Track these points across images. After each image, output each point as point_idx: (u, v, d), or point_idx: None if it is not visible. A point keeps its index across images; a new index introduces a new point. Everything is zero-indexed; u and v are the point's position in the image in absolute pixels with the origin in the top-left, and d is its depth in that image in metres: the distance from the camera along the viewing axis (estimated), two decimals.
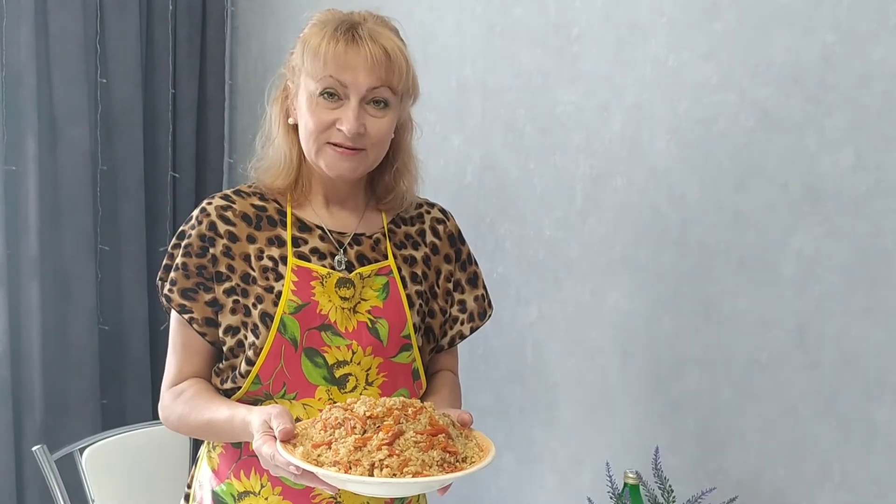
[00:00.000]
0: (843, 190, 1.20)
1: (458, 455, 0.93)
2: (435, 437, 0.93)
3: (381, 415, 0.94)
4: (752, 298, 1.32)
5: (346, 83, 1.08)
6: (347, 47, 1.08)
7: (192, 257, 1.14)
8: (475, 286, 1.30)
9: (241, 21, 2.68)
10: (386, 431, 0.91)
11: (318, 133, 1.10)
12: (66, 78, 2.27)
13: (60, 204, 2.32)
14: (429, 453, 0.90)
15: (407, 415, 0.95)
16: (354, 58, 1.08)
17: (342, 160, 1.11)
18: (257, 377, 1.11)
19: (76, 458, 1.69)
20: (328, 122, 1.09)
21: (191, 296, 1.14)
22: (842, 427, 1.22)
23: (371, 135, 1.10)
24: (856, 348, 1.20)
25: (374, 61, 1.08)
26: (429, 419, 0.95)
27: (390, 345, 1.15)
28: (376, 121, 1.11)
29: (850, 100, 1.19)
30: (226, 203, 1.17)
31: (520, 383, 1.77)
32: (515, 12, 1.71)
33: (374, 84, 1.08)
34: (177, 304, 1.14)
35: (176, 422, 1.15)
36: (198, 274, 1.14)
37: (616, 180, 1.53)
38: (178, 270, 1.15)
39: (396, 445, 0.90)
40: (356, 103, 1.08)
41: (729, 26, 1.33)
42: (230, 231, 1.15)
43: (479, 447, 0.99)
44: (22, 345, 2.28)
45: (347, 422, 0.93)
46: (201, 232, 1.15)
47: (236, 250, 1.15)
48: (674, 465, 1.43)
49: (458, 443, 0.96)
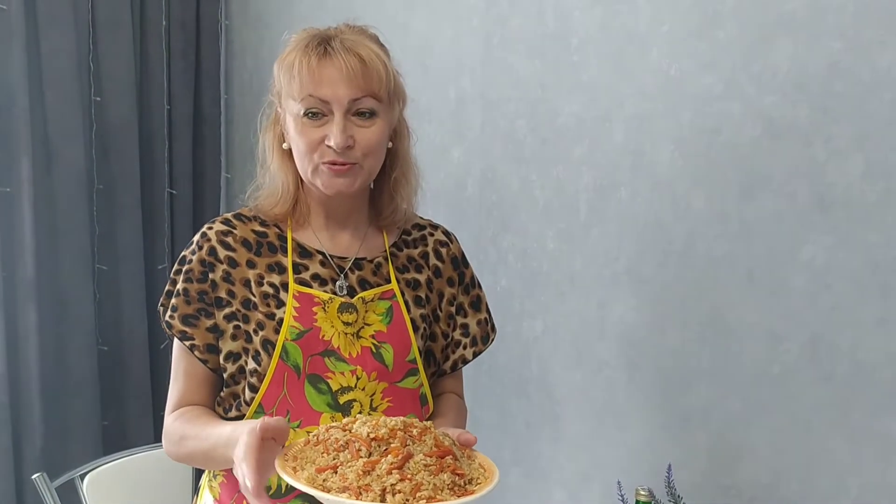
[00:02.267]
0: (852, 199, 1.18)
1: (465, 477, 0.90)
2: (443, 460, 0.90)
3: (386, 436, 0.91)
4: (761, 310, 1.30)
5: (327, 98, 1.06)
6: (321, 62, 1.06)
7: (192, 283, 1.13)
8: (478, 310, 1.28)
9: (236, 35, 2.66)
10: (395, 455, 0.88)
11: (309, 154, 1.08)
12: (59, 97, 2.25)
13: (56, 224, 2.29)
14: (439, 476, 0.88)
15: (412, 436, 0.92)
16: (330, 71, 1.06)
17: (337, 177, 1.08)
18: (260, 405, 1.09)
19: (77, 484, 1.66)
20: (317, 140, 1.07)
21: (192, 322, 1.12)
22: (857, 440, 1.20)
23: (362, 146, 1.08)
24: (869, 360, 1.18)
25: (350, 72, 1.05)
26: (434, 440, 0.93)
27: (396, 370, 1.13)
28: (365, 131, 1.08)
29: (857, 107, 1.16)
30: (226, 228, 1.15)
31: (525, 398, 1.75)
32: (513, 23, 1.70)
33: (354, 95, 1.06)
34: (178, 331, 1.12)
35: (176, 442, 1.12)
36: (199, 300, 1.12)
37: (619, 191, 1.50)
38: (178, 297, 1.13)
39: (407, 469, 0.87)
40: (340, 117, 1.06)
41: (731, 34, 1.31)
42: (230, 256, 1.13)
43: (482, 467, 0.96)
44: (20, 368, 2.25)
45: (352, 444, 0.90)
46: (202, 257, 1.13)
47: (236, 276, 1.13)
48: (684, 480, 1.40)
49: (463, 464, 0.93)
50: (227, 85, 2.71)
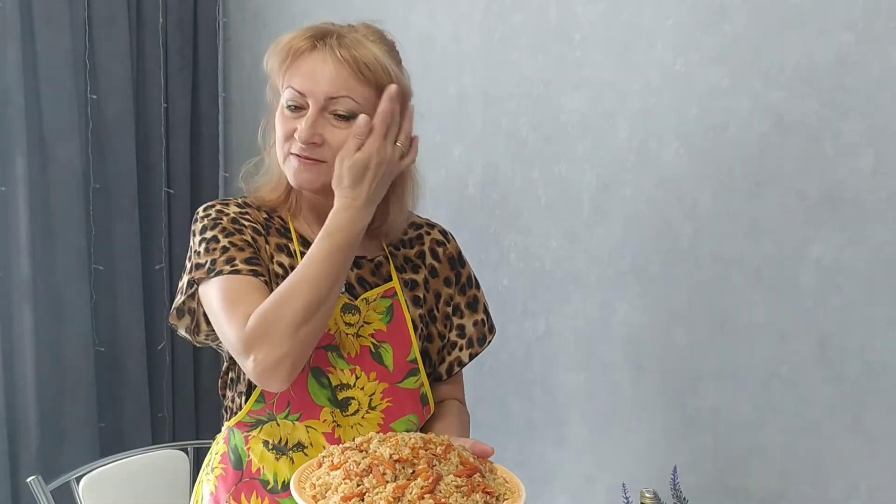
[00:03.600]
0: (862, 196, 1.16)
1: (494, 494, 0.86)
2: (472, 479, 0.86)
3: (409, 457, 0.86)
4: (769, 310, 1.27)
5: (305, 92, 1.04)
6: (306, 55, 1.05)
7: (235, 235, 1.06)
8: (475, 311, 1.24)
9: (234, 33, 2.63)
10: (424, 477, 0.83)
11: (282, 142, 1.07)
12: (54, 95, 2.22)
13: (52, 224, 2.26)
14: (472, 497, 0.84)
15: (436, 455, 0.88)
16: (311, 65, 1.04)
17: (302, 170, 1.06)
18: (261, 395, 1.07)
19: (73, 487, 1.64)
20: (290, 131, 1.06)
21: (254, 262, 1.04)
22: (868, 442, 1.17)
23: (332, 145, 1.04)
24: (880, 360, 1.16)
25: (335, 69, 1.03)
26: (458, 457, 0.89)
27: (396, 370, 1.11)
28: (337, 131, 1.04)
29: (868, 102, 1.14)
30: (240, 210, 1.12)
31: (528, 399, 1.72)
32: (515, 18, 1.67)
33: (331, 93, 1.03)
34: (248, 272, 1.02)
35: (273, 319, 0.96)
36: (249, 246, 1.06)
37: (624, 189, 1.48)
38: (228, 250, 1.04)
39: (439, 492, 0.83)
40: (313, 112, 1.03)
41: (738, 28, 1.28)
42: (253, 226, 1.10)
43: (505, 480, 0.92)
44: (15, 369, 2.22)
45: (375, 468, 0.85)
46: (231, 217, 1.09)
47: (261, 243, 1.09)
48: (692, 483, 1.38)
49: (489, 480, 0.89)
50: (224, 83, 2.68)
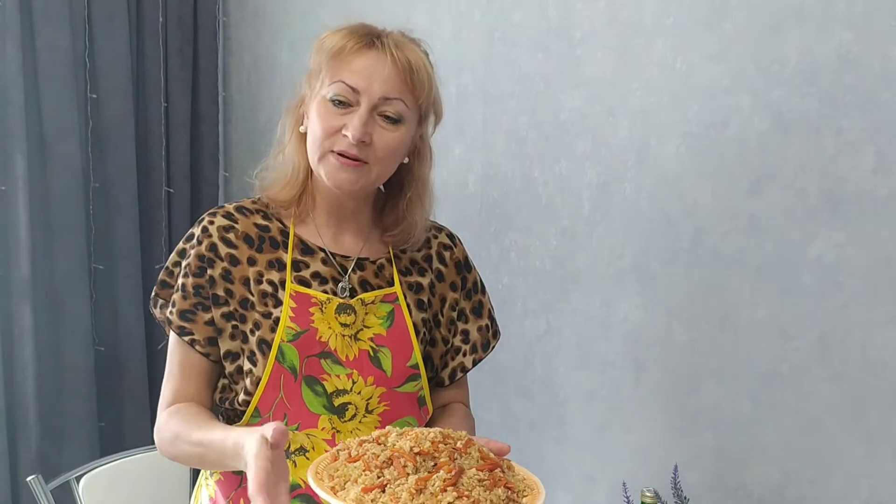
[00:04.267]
0: (863, 193, 1.16)
1: (514, 489, 0.86)
2: (494, 473, 0.86)
3: (430, 450, 0.85)
4: (770, 308, 1.27)
5: (359, 89, 1.03)
6: (365, 51, 1.04)
7: (189, 277, 1.09)
8: (479, 316, 1.24)
9: (233, 32, 2.63)
10: (447, 470, 0.83)
11: (323, 138, 1.05)
12: (54, 94, 2.22)
13: (52, 223, 2.26)
14: (494, 492, 0.83)
15: (457, 449, 0.87)
16: (370, 63, 1.03)
17: (342, 170, 1.05)
18: (256, 409, 1.06)
19: (73, 486, 1.64)
20: (335, 127, 1.04)
21: (189, 317, 1.09)
22: (868, 440, 1.17)
23: (377, 147, 1.04)
24: (881, 358, 1.15)
25: (392, 70, 1.03)
26: (479, 452, 0.88)
27: (395, 375, 1.10)
28: (385, 133, 1.04)
29: (868, 100, 1.14)
30: (228, 223, 1.11)
31: (528, 398, 1.72)
32: (515, 17, 1.67)
33: (388, 94, 1.03)
34: (177, 327, 1.09)
35: (170, 441, 1.07)
36: (195, 294, 1.09)
37: (624, 187, 1.48)
38: (178, 292, 1.10)
39: (461, 485, 0.82)
40: (366, 110, 1.03)
41: (739, 26, 1.28)
42: (231, 254, 1.10)
43: (524, 478, 0.91)
44: (15, 369, 2.22)
45: (396, 460, 0.84)
46: (200, 252, 1.10)
47: (236, 274, 1.09)
48: (692, 482, 1.37)
49: (508, 476, 0.88)
50: (224, 82, 2.68)
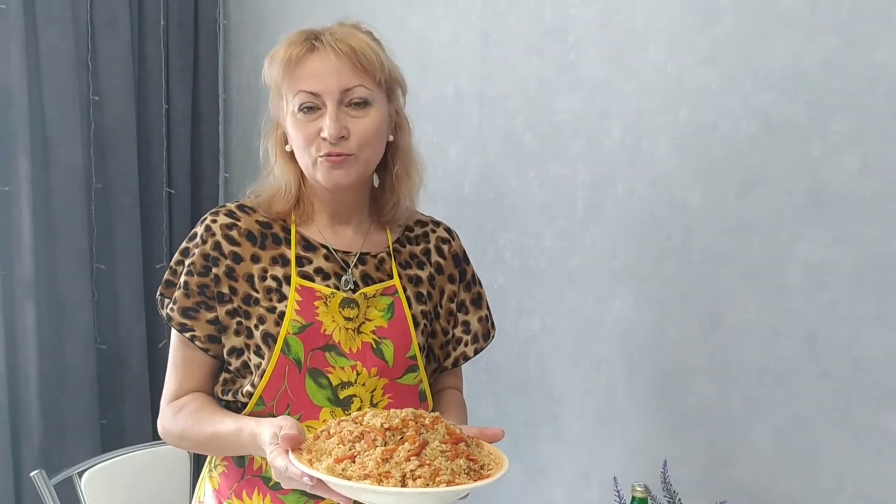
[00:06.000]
0: (849, 195, 1.18)
1: (478, 462, 0.93)
2: (457, 446, 0.92)
3: (399, 426, 0.93)
4: (759, 307, 1.30)
5: (319, 91, 1.06)
6: (308, 56, 1.07)
7: (194, 276, 1.12)
8: (479, 307, 1.28)
9: (234, 34, 2.66)
10: (412, 442, 0.90)
11: (307, 148, 1.09)
12: (57, 96, 2.25)
13: (54, 223, 2.29)
14: (455, 462, 0.90)
15: (424, 425, 0.94)
16: (317, 65, 1.06)
17: (333, 169, 1.08)
18: (261, 398, 1.10)
19: (75, 481, 1.66)
20: (313, 134, 1.07)
21: (192, 315, 1.12)
22: (855, 436, 1.20)
23: (356, 136, 1.07)
24: (867, 356, 1.18)
25: (339, 62, 1.06)
26: (445, 428, 0.95)
27: (396, 366, 1.13)
28: (359, 121, 1.08)
29: (854, 103, 1.16)
30: (231, 221, 1.14)
31: (524, 396, 1.75)
32: (511, 20, 1.70)
33: (346, 85, 1.06)
34: (178, 324, 1.12)
35: (177, 436, 1.12)
36: (199, 293, 1.12)
37: (617, 188, 1.50)
38: (179, 290, 1.13)
39: (424, 455, 0.89)
40: (333, 108, 1.06)
41: (728, 30, 1.31)
42: (234, 252, 1.13)
43: (491, 453, 0.98)
44: (18, 367, 2.25)
45: (367, 435, 0.91)
46: (205, 251, 1.12)
47: (240, 271, 1.12)
48: (683, 477, 1.40)
49: (474, 450, 0.95)
50: (225, 84, 2.71)
